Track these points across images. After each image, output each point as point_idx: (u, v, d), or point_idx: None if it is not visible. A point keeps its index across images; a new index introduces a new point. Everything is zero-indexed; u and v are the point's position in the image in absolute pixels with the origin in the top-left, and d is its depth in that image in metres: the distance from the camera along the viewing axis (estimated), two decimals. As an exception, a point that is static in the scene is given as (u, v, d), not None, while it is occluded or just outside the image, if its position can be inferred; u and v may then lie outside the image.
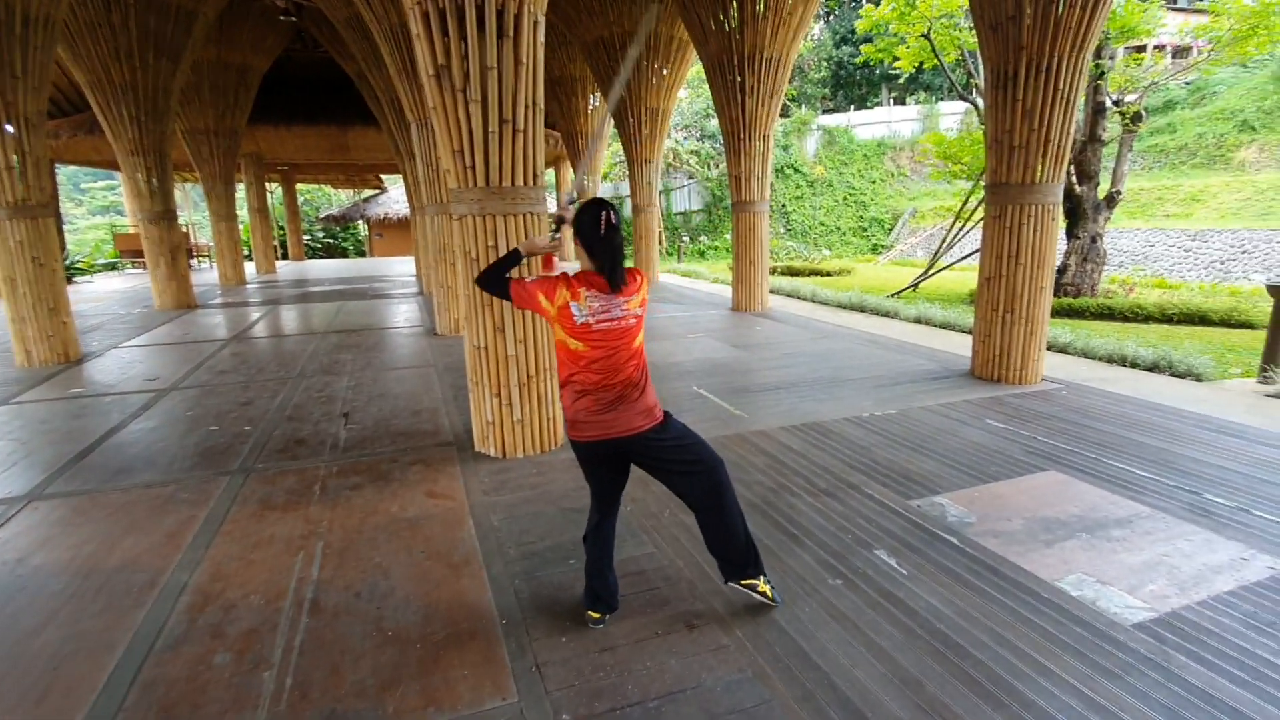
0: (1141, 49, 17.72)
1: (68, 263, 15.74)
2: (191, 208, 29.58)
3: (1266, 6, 9.42)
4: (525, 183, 3.75)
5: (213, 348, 7.84)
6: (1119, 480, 3.60)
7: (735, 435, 4.41)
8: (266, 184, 21.82)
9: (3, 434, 4.74)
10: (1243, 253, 15.05)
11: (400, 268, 20.01)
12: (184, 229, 24.74)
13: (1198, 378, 6.15)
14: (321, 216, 28.86)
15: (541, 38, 3.70)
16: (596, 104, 15.98)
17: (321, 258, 31.16)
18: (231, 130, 14.07)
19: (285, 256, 26.51)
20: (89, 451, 4.36)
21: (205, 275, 17.77)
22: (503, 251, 3.76)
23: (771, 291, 13.28)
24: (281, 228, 28.30)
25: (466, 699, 2.04)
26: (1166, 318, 10.09)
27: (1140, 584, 2.61)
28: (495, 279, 2.29)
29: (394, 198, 26.53)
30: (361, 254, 32.15)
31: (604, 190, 26.40)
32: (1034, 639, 2.28)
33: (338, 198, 35.14)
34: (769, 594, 2.43)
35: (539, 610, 2.48)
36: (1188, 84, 22.04)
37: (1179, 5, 24.09)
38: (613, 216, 2.04)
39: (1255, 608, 2.43)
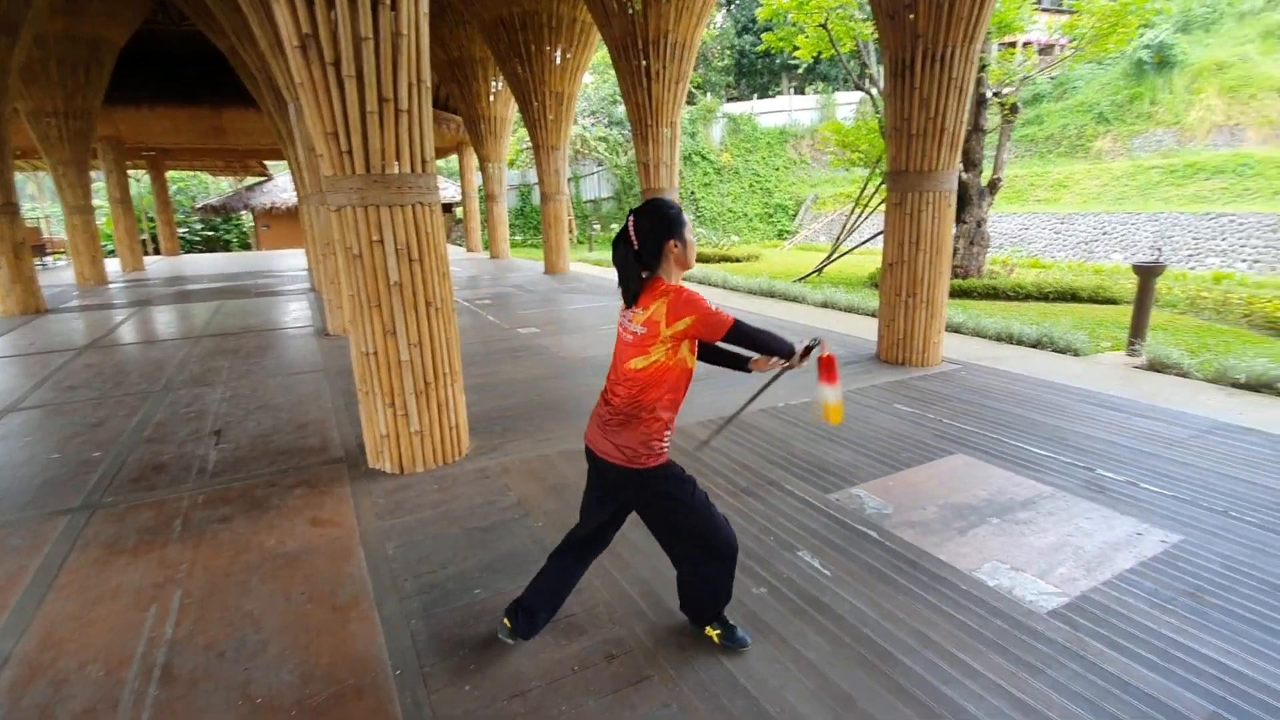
0: (1014, 45, 18.98)
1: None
2: (49, 199, 26.23)
3: (1124, 6, 10.22)
4: (413, 169, 3.38)
5: (61, 359, 6.85)
6: (1020, 460, 3.71)
7: (652, 434, 4.24)
8: (130, 172, 19.60)
9: None
10: (1103, 234, 16.51)
11: (290, 261, 18.58)
12: (34, 224, 21.86)
13: (1075, 353, 6.58)
14: (198, 207, 26.34)
15: (425, 8, 3.33)
16: (499, 87, 15.34)
17: (200, 252, 28.53)
18: (84, 111, 12.40)
19: (157, 251, 24.02)
20: (-117, 495, 3.62)
21: (60, 274, 15.76)
22: (389, 247, 3.38)
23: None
24: (151, 220, 25.61)
25: (351, 775, 1.75)
26: (1043, 296, 10.84)
27: (1050, 568, 2.65)
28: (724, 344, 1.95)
29: (281, 185, 24.57)
30: (247, 247, 29.70)
31: (511, 178, 25.64)
32: (958, 637, 2.24)
33: (217, 186, 32.23)
34: (715, 638, 2.22)
35: (440, 654, 2.20)
36: (1053, 79, 23.92)
37: (1045, 5, 26.08)
38: (632, 224, 1.82)
39: (1155, 584, 2.51)
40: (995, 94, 11.56)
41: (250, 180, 27.31)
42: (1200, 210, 15.22)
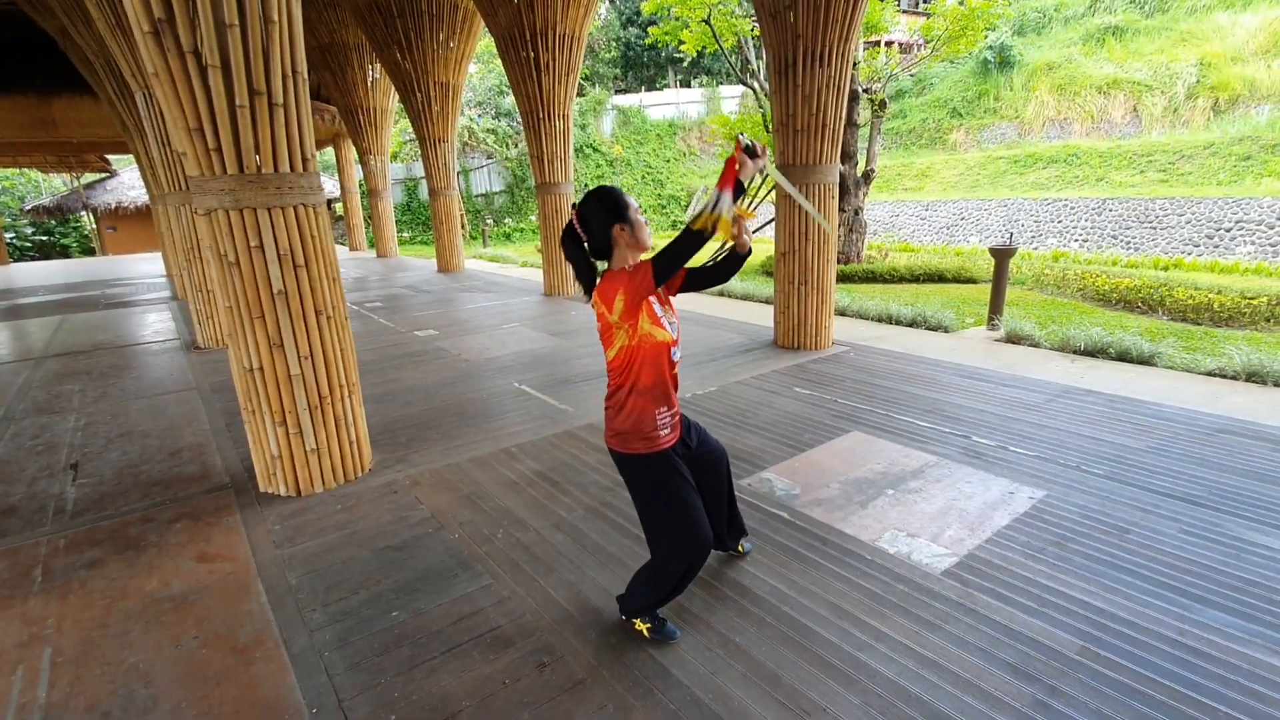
0: (879, 44, 20.34)
1: None
2: None
3: (972, 10, 11.21)
4: (293, 168, 3.14)
5: None
6: (907, 433, 4.02)
7: (564, 433, 4.22)
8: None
9: None
10: (961, 219, 18.12)
11: (144, 267, 16.75)
12: None
13: (946, 330, 7.20)
14: (28, 209, 23.07)
15: (296, -7, 3.09)
16: (377, 75, 14.53)
17: (33, 259, 25.09)
18: None
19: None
20: None
21: None
22: (270, 253, 3.13)
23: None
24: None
25: (271, 829, 1.63)
26: (915, 278, 11.76)
27: (940, 531, 2.90)
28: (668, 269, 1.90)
29: (127, 182, 22.01)
30: (90, 252, 26.41)
31: (395, 171, 24.41)
32: (867, 605, 2.41)
33: (50, 184, 28.39)
34: (644, 632, 2.24)
35: (360, 686, 2.09)
36: (913, 76, 25.88)
37: (905, 7, 28.11)
38: (575, 218, 1.87)
39: (1028, 537, 2.82)
40: (865, 90, 12.34)
41: (90, 177, 24.24)
42: (1040, 196, 17.07)
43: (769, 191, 2.15)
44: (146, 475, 3.77)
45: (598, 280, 1.92)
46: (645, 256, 1.91)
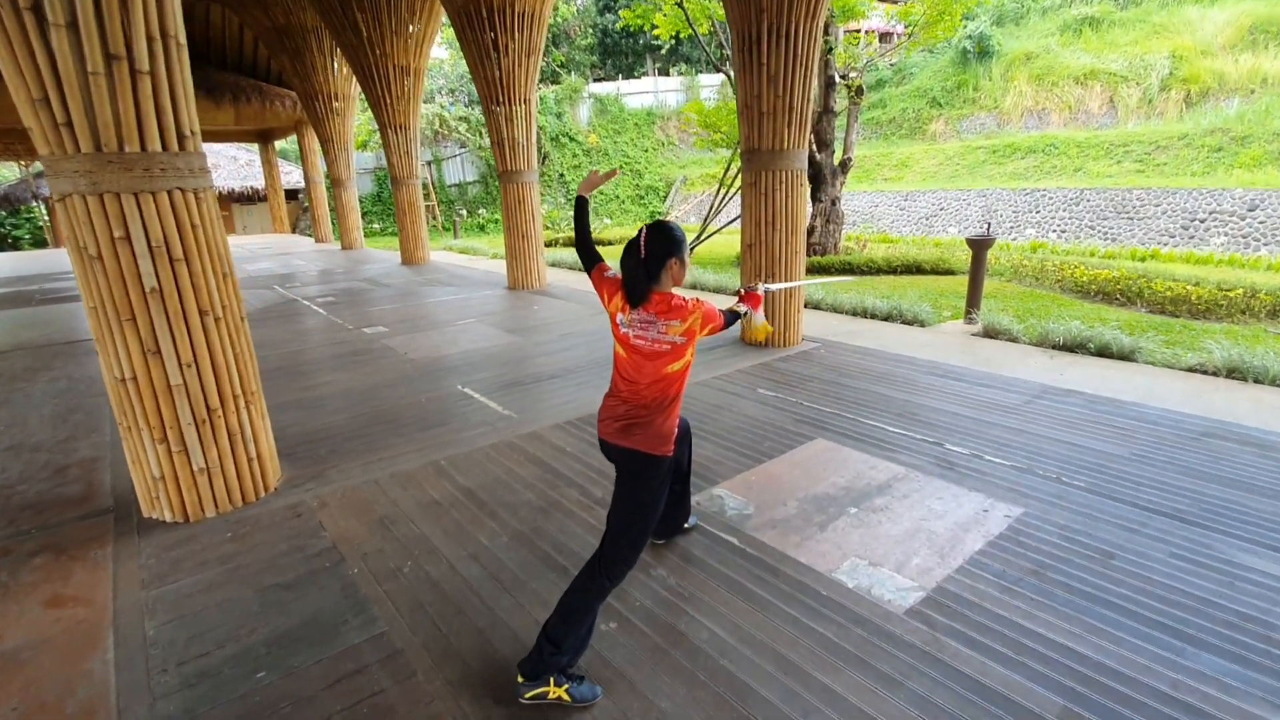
0: (857, 32, 20.03)
1: None
2: None
3: (949, -5, 10.91)
4: (166, 147, 2.71)
5: None
6: (876, 440, 3.70)
7: (503, 443, 3.83)
8: None
9: None
10: (940, 209, 17.92)
11: (94, 260, 15.92)
12: None
13: (922, 324, 6.92)
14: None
15: (167, -58, 2.64)
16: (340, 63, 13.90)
17: (-21, 250, 23.98)
18: None
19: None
20: None
21: None
22: (140, 246, 2.70)
23: (552, 265, 12.83)
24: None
25: None
26: (892, 269, 11.49)
27: (906, 558, 2.57)
28: (585, 251, 2.29)
29: (79, 172, 21.04)
30: (42, 244, 25.37)
31: (363, 161, 23.71)
32: (818, 656, 2.07)
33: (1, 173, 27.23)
34: (565, 696, 1.91)
35: (195, 776, 1.71)
36: (892, 65, 25.62)
37: (882, -5, 27.83)
38: (642, 239, 1.95)
39: (1002, 565, 2.50)
40: (843, 77, 12.01)
41: (41, 166, 23.22)
42: (1018, 186, 16.90)
43: (739, 189, 2.30)
44: (20, 498, 3.33)
45: (651, 296, 2.02)
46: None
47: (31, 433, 4.24)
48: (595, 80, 31.51)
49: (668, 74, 32.16)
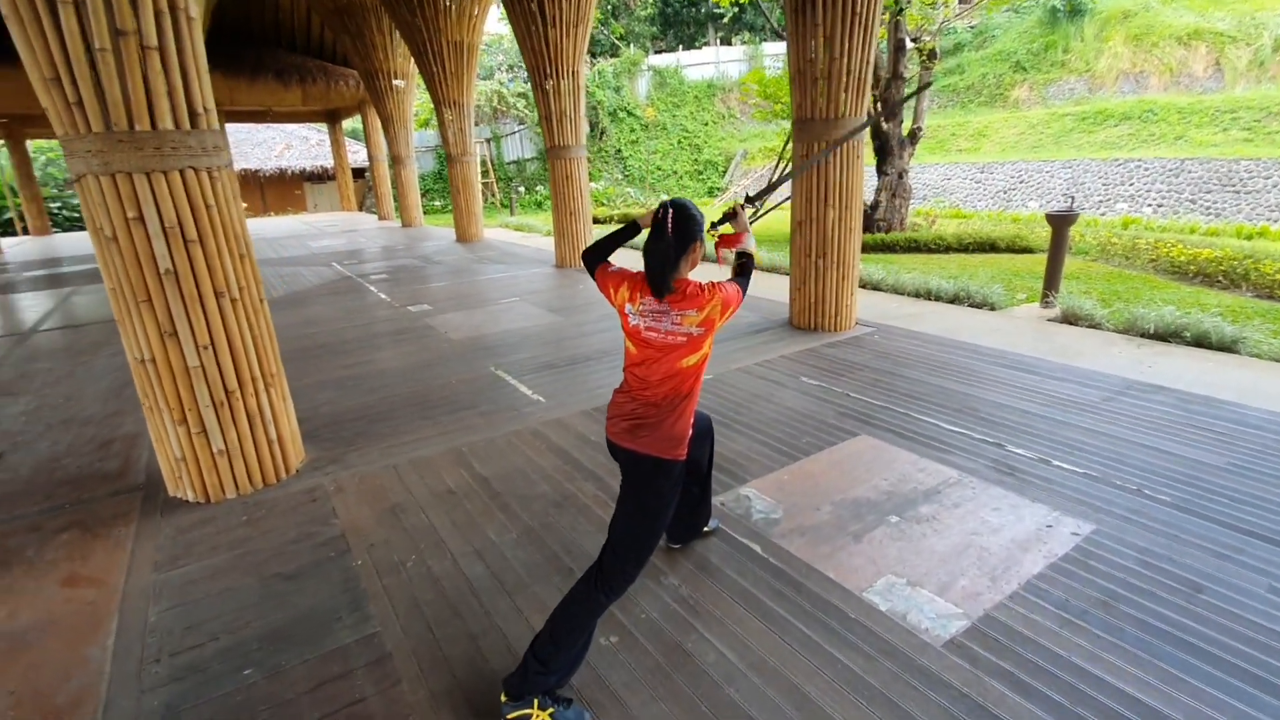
0: (935, -10, 18.72)
1: None
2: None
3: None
4: (178, 125, 2.65)
5: None
6: (928, 439, 3.36)
7: (527, 429, 3.71)
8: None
9: None
10: (1020, 182, 16.68)
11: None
12: None
13: (992, 307, 6.39)
14: (75, 179, 23.61)
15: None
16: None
17: (80, 230, 25.82)
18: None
19: (26, 231, 21.50)
20: None
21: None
22: (153, 227, 2.66)
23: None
24: (17, 193, 22.83)
25: None
26: (963, 247, 10.76)
27: (951, 580, 2.28)
28: (595, 256, 2.10)
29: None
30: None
31: (425, 139, 24.07)
32: (838, 690, 1.83)
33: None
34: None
35: (163, 781, 1.65)
36: (972, 27, 23.89)
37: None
38: (669, 218, 1.79)
39: (1065, 594, 2.18)
40: (914, 40, 11.20)
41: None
42: (1109, 156, 15.48)
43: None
44: (62, 472, 3.44)
45: (672, 280, 1.84)
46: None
47: (84, 406, 4.41)
48: (656, 52, 30.85)
49: (730, 44, 31.15)
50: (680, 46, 32.13)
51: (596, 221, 17.51)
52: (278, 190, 25.74)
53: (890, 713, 1.75)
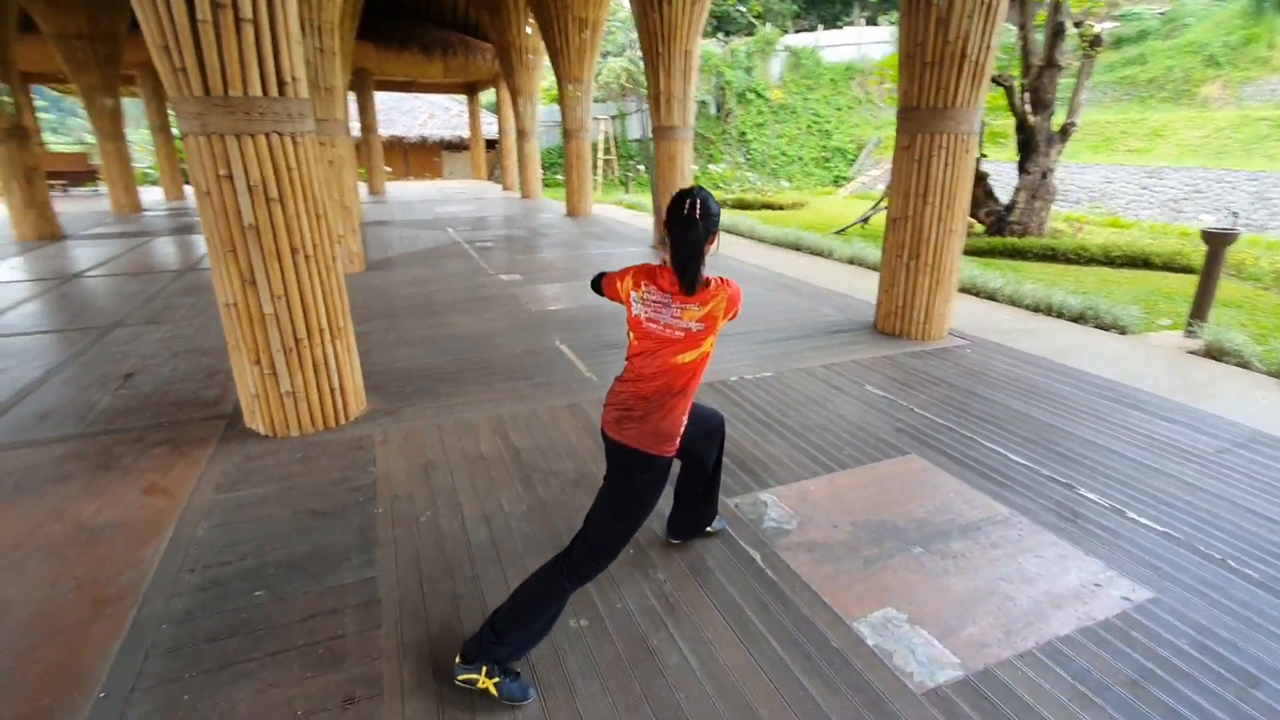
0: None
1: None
2: (133, 124, 26.93)
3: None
4: (266, 92, 2.90)
5: (43, 288, 6.88)
6: (987, 468, 3.06)
7: (571, 405, 3.77)
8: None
9: None
10: (1195, 192, 14.55)
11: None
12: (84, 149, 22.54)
13: (1122, 330, 5.68)
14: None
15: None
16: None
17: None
18: (109, 35, 12.32)
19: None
20: None
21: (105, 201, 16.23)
22: (240, 184, 2.95)
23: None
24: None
25: (-44, 840, 1.44)
26: (1110, 260, 9.59)
27: (960, 624, 2.08)
28: (601, 276, 2.10)
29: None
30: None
31: (555, 114, 24.73)
32: (788, 719, 1.73)
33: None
34: (492, 690, 1.79)
35: (161, 676, 1.87)
36: (1162, 14, 20.92)
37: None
38: (697, 207, 1.73)
39: (1090, 663, 1.92)
40: (1077, 24, 9.99)
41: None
42: (1320, 167, 13.14)
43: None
44: (173, 395, 3.94)
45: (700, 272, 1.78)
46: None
47: (208, 339, 5.01)
48: (796, 31, 29.70)
49: (875, 24, 29.35)
50: (821, 26, 30.70)
51: (709, 204, 17.28)
52: (419, 156, 27.56)
53: (840, 753, 1.64)
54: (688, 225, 1.73)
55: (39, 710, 1.76)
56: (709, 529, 2.53)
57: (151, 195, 16.72)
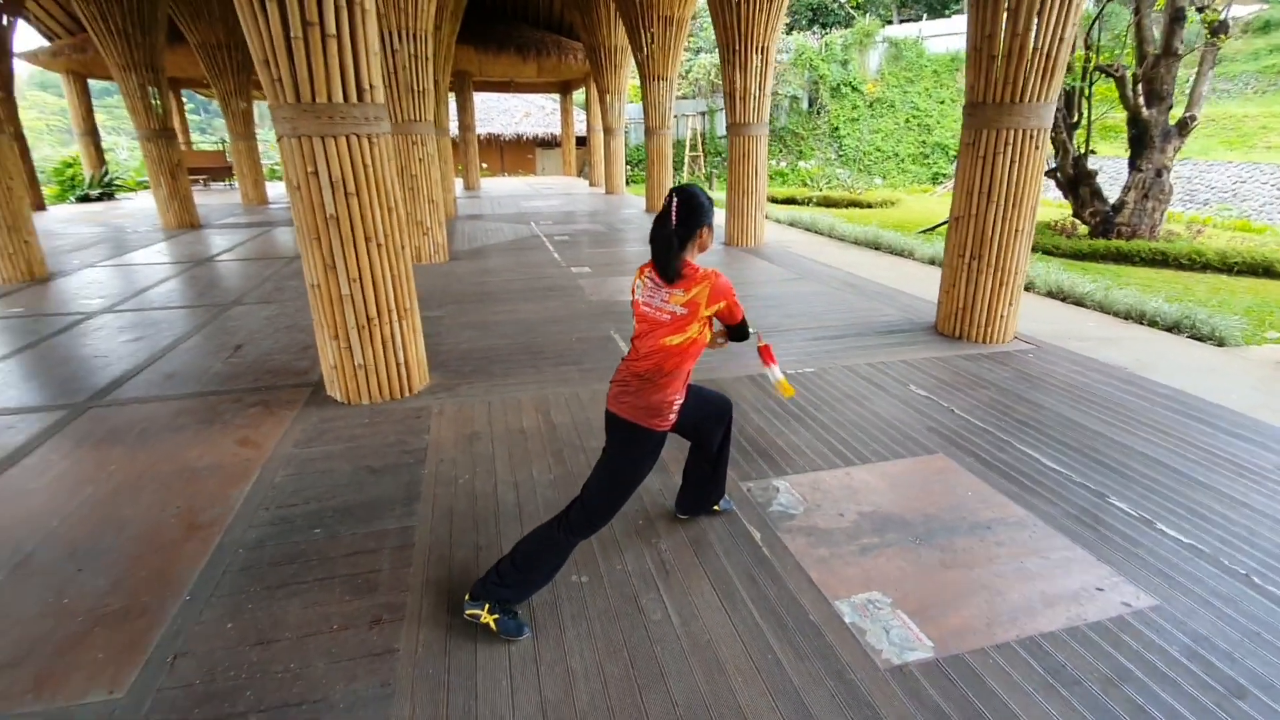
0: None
1: (105, 180, 16.25)
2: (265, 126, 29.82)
3: None
4: (347, 98, 3.30)
5: (178, 269, 7.88)
6: (1015, 472, 3.02)
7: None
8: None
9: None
10: (1357, 192, 12.88)
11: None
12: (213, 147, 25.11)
13: (1220, 342, 5.28)
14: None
15: (362, -78, 3.14)
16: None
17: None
18: (244, 45, 13.78)
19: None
20: (-26, 374, 4.40)
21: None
22: (324, 180, 3.37)
23: (790, 224, 12.40)
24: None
25: (74, 689, 1.85)
26: (1227, 267, 8.78)
27: (943, 613, 2.13)
28: None
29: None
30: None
31: (638, 112, 25.08)
32: (753, 677, 1.87)
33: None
34: (492, 625, 2.04)
35: (234, 589, 2.25)
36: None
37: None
38: (672, 207, 1.93)
39: (1068, 659, 1.93)
40: (1200, 9, 9.15)
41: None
42: None
43: None
44: (271, 364, 4.50)
45: (677, 265, 1.97)
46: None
47: (307, 317, 5.62)
48: (901, 21, 28.52)
49: (986, 12, 27.58)
50: (925, 15, 29.31)
51: (794, 203, 17.05)
52: (514, 153, 28.73)
53: (790, 710, 1.77)
54: (661, 221, 1.94)
55: (139, 605, 2.18)
56: (716, 507, 2.68)
57: (277, 189, 18.44)
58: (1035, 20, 4.19)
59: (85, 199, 15.95)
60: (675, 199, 1.95)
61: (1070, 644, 2.00)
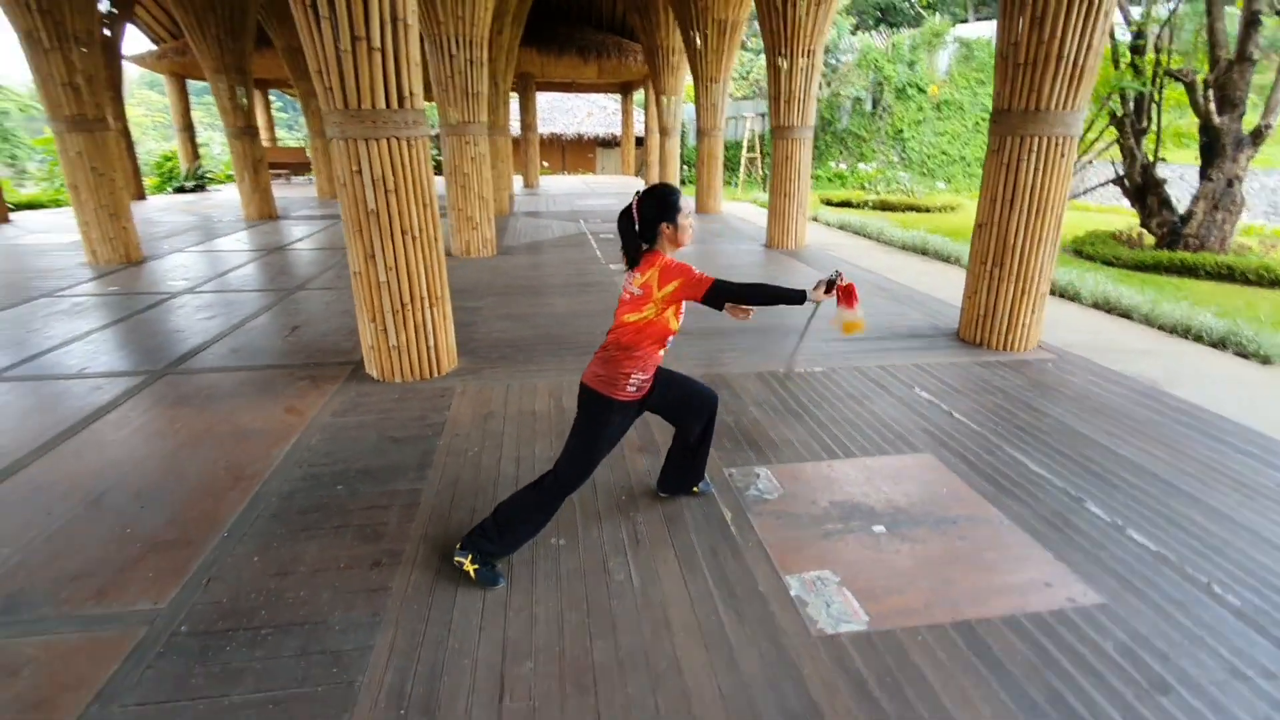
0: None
1: (198, 174, 17.63)
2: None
3: None
4: (389, 105, 3.66)
5: (255, 256, 8.60)
6: (997, 474, 3.09)
7: (624, 380, 4.24)
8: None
9: None
10: None
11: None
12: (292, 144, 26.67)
13: (1265, 359, 5.08)
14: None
15: (406, -54, 3.49)
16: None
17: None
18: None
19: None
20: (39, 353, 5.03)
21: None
22: (366, 178, 3.74)
23: (840, 228, 12.34)
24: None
25: (127, 599, 2.23)
26: (1301, 283, 8.25)
27: (887, 594, 2.28)
28: (723, 295, 2.21)
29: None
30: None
31: (690, 113, 25.14)
32: (693, 631, 2.08)
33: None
34: (471, 573, 2.32)
35: (262, 532, 2.61)
36: None
37: None
38: (635, 203, 2.18)
39: (995, 644, 2.05)
40: (1278, 12, 8.62)
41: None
42: None
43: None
44: (322, 344, 4.95)
45: (642, 255, 2.21)
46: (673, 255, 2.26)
47: (358, 304, 6.09)
48: (979, 19, 27.55)
49: (1068, 10, 26.35)
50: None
51: (849, 205, 16.84)
52: (575, 152, 29.35)
53: (722, 665, 1.96)
54: (622, 215, 2.20)
55: (187, 538, 2.57)
56: (695, 489, 2.88)
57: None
58: (1060, 28, 4.18)
59: (181, 190, 17.37)
60: (635, 197, 2.20)
61: (1003, 631, 2.11)
